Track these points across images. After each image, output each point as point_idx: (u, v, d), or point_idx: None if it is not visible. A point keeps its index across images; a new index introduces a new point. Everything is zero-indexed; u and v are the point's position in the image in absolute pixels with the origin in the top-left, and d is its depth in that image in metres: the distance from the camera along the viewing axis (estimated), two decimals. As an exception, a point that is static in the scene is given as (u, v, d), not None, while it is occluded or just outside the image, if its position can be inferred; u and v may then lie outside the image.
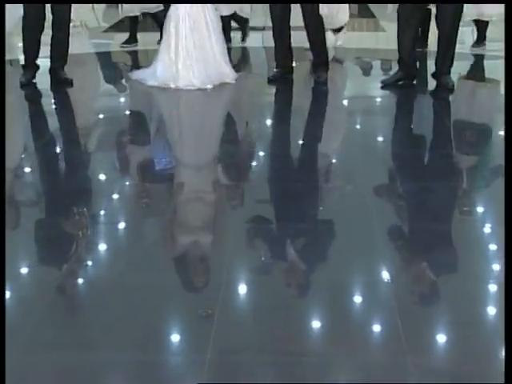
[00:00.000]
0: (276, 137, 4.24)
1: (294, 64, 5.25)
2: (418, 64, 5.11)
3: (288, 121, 4.56)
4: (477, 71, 5.62)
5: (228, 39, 6.24)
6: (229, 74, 5.06)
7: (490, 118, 4.43)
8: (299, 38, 5.23)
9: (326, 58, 5.20)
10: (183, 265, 2.60)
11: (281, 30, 5.13)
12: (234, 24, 6.68)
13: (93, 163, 3.72)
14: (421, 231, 2.82)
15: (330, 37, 5.93)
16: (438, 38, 4.94)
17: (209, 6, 4.95)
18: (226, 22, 6.24)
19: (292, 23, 5.14)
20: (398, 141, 4.09)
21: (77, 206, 3.04)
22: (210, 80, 4.93)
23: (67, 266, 2.55)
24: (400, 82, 5.01)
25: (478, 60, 5.81)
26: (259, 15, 8.61)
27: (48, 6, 4.99)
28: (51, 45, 5.10)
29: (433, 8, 5.02)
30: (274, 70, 5.28)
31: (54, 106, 4.86)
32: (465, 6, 5.50)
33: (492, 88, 5.14)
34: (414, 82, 5.06)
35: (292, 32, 5.16)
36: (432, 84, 4.99)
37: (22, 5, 4.91)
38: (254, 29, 7.52)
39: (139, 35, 6.44)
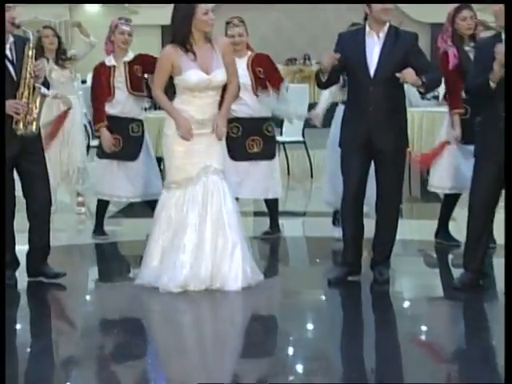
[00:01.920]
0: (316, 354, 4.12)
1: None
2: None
3: (341, 332, 4.44)
4: None
5: None
6: (232, 280, 4.84)
7: None
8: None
9: (391, 252, 5.19)
10: None
11: (353, 211, 5.07)
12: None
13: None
14: None
15: None
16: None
17: (226, 190, 4.98)
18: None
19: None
20: (474, 360, 3.91)
21: None
22: (202, 281, 4.81)
23: None
24: (473, 284, 4.91)
25: None
26: (299, 196, 8.81)
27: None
28: (30, 242, 5.06)
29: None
30: (339, 269, 5.19)
31: (33, 309, 4.82)
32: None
33: None
34: (481, 282, 4.94)
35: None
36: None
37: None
38: (293, 214, 7.65)
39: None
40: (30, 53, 4.82)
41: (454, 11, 5.71)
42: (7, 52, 4.84)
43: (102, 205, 6.34)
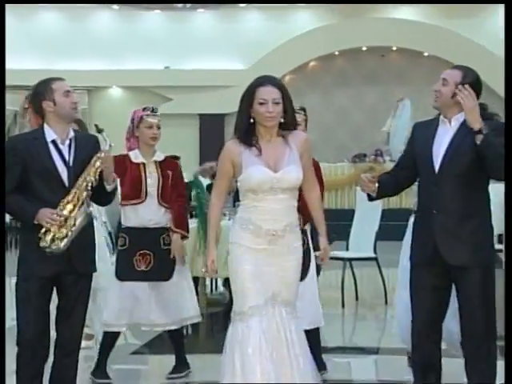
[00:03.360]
0: None
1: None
2: None
3: None
4: None
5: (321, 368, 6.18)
6: None
7: None
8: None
9: None
10: None
11: (423, 348, 4.95)
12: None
13: None
14: None
15: None
16: None
17: (293, 330, 4.80)
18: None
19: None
20: None
21: None
22: None
23: None
24: None
25: None
26: (370, 328, 8.72)
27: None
28: (51, 378, 5.03)
29: None
30: None
31: None
32: None
33: None
34: None
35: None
36: None
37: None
38: (364, 351, 7.53)
39: (189, 357, 6.46)
40: (98, 164, 4.84)
41: None
42: (63, 149, 4.86)
43: (111, 337, 6.19)
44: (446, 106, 4.89)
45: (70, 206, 4.79)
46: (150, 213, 6.06)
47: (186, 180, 6.75)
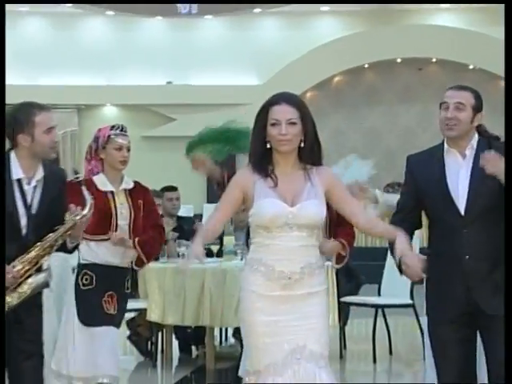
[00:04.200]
0: None
1: None
2: None
3: None
4: None
5: None
6: None
7: None
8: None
9: None
10: None
11: None
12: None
13: None
14: None
15: None
16: None
17: None
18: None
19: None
20: None
21: None
22: None
23: None
24: None
25: None
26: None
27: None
28: None
29: None
30: None
31: None
32: None
33: None
34: None
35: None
36: None
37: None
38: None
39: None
40: (71, 228, 4.87)
41: None
42: (27, 191, 4.84)
43: None
44: (464, 134, 4.95)
45: (25, 267, 4.76)
46: (119, 250, 6.04)
47: (191, 214, 6.76)
